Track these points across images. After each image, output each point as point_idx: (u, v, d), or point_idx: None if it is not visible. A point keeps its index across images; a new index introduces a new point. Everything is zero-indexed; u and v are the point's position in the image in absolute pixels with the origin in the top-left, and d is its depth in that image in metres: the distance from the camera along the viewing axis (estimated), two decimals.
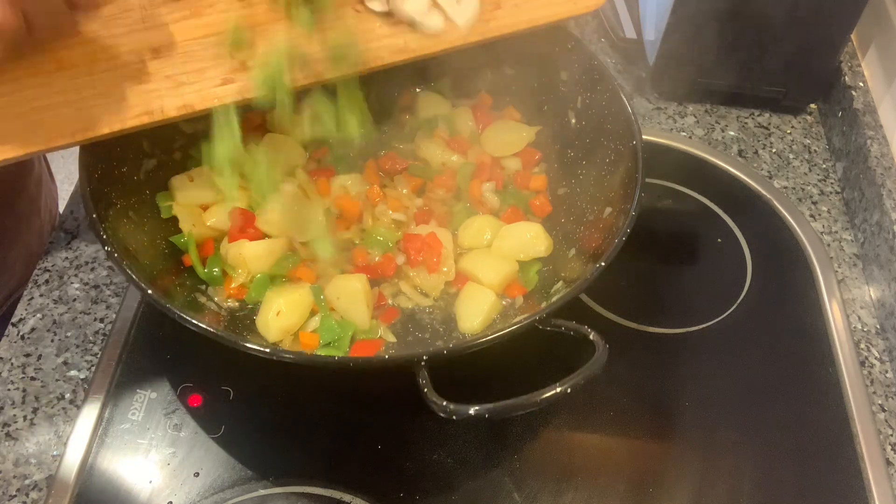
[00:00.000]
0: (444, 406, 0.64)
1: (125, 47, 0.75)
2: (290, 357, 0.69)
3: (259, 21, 0.78)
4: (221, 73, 0.78)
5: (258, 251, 0.84)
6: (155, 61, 0.76)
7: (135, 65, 0.75)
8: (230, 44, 0.78)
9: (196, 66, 0.77)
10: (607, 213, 0.86)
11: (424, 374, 0.66)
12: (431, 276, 0.86)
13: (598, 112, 0.91)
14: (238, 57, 0.78)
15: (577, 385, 0.64)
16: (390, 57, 0.82)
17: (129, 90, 0.75)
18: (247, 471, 0.77)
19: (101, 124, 0.74)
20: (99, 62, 0.74)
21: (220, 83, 0.77)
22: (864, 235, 1.01)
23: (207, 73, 0.77)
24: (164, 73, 0.76)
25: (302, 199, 0.90)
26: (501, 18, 0.84)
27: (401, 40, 0.82)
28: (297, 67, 0.79)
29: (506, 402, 0.63)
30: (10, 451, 0.78)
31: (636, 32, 1.21)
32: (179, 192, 0.88)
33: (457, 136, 0.98)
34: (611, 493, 0.78)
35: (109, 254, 0.72)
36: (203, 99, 0.77)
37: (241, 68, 0.78)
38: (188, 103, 0.76)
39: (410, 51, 0.82)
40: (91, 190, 0.76)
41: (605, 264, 0.73)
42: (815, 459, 0.82)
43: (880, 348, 0.93)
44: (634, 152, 0.82)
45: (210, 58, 0.77)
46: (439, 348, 0.72)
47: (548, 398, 0.64)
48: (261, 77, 0.78)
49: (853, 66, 1.15)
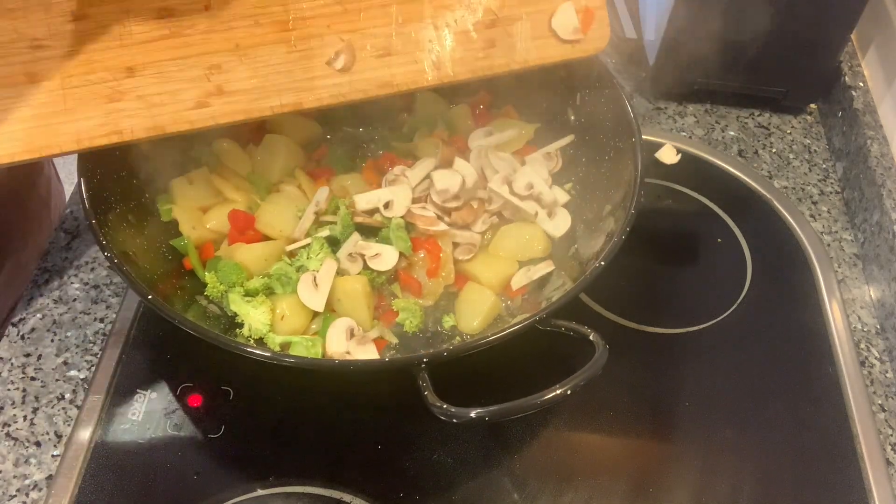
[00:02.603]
0: (445, 409, 0.64)
1: (99, 64, 0.74)
2: (291, 361, 0.69)
3: (242, 44, 0.77)
4: (196, 95, 0.76)
5: (256, 254, 0.84)
6: (128, 80, 0.74)
7: (108, 82, 0.74)
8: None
9: (170, 87, 0.75)
10: (606, 211, 0.86)
11: (424, 376, 0.66)
12: (431, 280, 0.86)
13: (596, 110, 0.91)
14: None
15: (578, 386, 0.64)
16: (375, 91, 0.81)
17: (100, 108, 0.74)
18: (247, 471, 0.77)
19: (67, 141, 0.73)
20: (72, 77, 0.73)
21: (194, 106, 0.76)
22: (864, 235, 1.01)
23: (181, 96, 0.76)
24: (137, 93, 0.75)
25: (301, 200, 0.90)
26: (494, 58, 0.83)
27: (386, 73, 0.81)
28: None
29: (506, 405, 0.63)
30: (10, 451, 0.78)
31: (636, 32, 1.21)
32: (179, 194, 0.88)
33: (456, 135, 0.98)
34: (611, 493, 0.78)
35: (109, 259, 0.72)
36: (175, 121, 0.76)
37: (216, 92, 0.76)
38: (159, 125, 0.75)
39: (395, 85, 0.81)
40: (90, 195, 0.76)
41: (604, 263, 0.73)
42: (815, 459, 0.82)
43: (880, 348, 0.93)
44: (634, 150, 0.82)
45: (185, 80, 0.76)
46: (439, 351, 0.72)
47: (548, 400, 0.64)
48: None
49: (853, 66, 1.15)
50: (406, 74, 0.82)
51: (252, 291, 0.82)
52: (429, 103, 1.00)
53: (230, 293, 0.82)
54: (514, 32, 0.84)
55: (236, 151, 0.92)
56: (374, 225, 0.88)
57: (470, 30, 0.82)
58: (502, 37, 0.83)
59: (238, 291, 0.82)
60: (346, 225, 0.86)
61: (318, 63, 0.79)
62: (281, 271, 0.83)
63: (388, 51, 0.81)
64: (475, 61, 0.83)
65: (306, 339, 0.80)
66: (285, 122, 0.95)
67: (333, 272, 0.82)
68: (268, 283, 0.83)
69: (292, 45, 0.78)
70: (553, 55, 0.86)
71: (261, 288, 0.82)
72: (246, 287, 0.82)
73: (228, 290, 0.82)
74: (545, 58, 0.85)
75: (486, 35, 0.83)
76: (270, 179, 0.92)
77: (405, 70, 0.82)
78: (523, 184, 0.90)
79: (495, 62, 0.84)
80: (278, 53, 0.78)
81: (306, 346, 0.79)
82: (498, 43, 0.83)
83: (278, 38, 0.78)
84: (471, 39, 0.82)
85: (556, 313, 0.71)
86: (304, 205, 0.89)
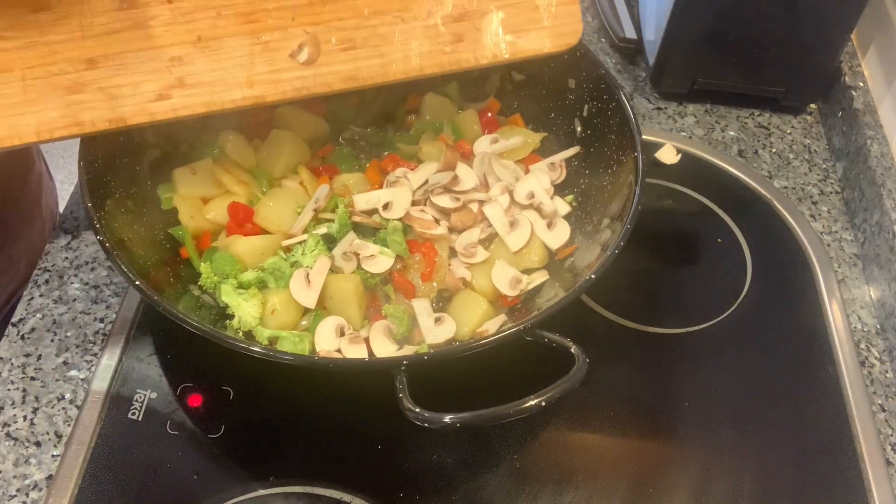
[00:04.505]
0: (418, 413, 0.64)
1: (60, 55, 0.73)
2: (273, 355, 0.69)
3: (204, 36, 0.76)
4: (157, 87, 0.76)
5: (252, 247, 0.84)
6: (89, 72, 0.74)
7: (68, 74, 0.74)
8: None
9: (131, 79, 0.75)
10: (604, 224, 0.86)
11: (402, 379, 0.66)
12: (424, 284, 0.86)
13: (602, 122, 0.91)
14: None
15: (553, 398, 0.64)
16: (340, 84, 0.80)
17: (60, 100, 0.74)
18: (247, 471, 0.77)
19: (27, 132, 0.73)
20: (33, 69, 0.73)
21: (156, 98, 0.76)
22: (864, 235, 1.01)
23: (142, 87, 0.76)
24: (98, 85, 0.74)
25: (302, 196, 0.90)
26: (461, 52, 0.83)
27: (351, 67, 0.80)
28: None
29: (479, 413, 0.64)
30: (10, 451, 0.78)
31: (636, 32, 1.21)
32: (181, 184, 0.88)
33: (461, 140, 0.98)
34: (611, 493, 0.78)
35: (101, 243, 0.72)
36: (136, 113, 0.75)
37: (178, 84, 0.76)
38: (120, 117, 0.75)
39: (361, 79, 0.81)
40: (89, 179, 0.76)
41: (596, 276, 0.73)
42: (815, 459, 0.82)
43: (880, 348, 0.93)
44: (635, 165, 0.82)
45: (147, 71, 0.76)
46: (420, 354, 0.72)
47: (523, 410, 0.64)
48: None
49: (853, 66, 1.15)
50: (372, 68, 0.81)
51: (245, 284, 0.82)
52: (436, 106, 0.99)
53: (223, 284, 0.82)
54: (483, 27, 0.83)
55: (242, 145, 0.92)
56: (371, 225, 0.88)
57: (438, 24, 0.82)
58: (470, 31, 0.83)
59: (231, 283, 0.82)
60: (344, 224, 0.86)
61: (281, 56, 0.79)
62: (275, 266, 0.83)
63: (353, 44, 0.80)
64: (442, 55, 0.82)
65: (294, 335, 0.80)
66: (292, 119, 0.95)
67: (326, 270, 0.81)
68: (261, 276, 0.83)
69: (255, 38, 0.78)
70: (523, 50, 0.85)
71: (254, 281, 0.82)
72: (239, 279, 0.82)
73: (222, 281, 0.82)
74: (515, 53, 0.85)
75: (453, 29, 0.82)
76: (273, 174, 0.92)
77: (371, 64, 0.81)
78: (524, 192, 0.90)
79: (462, 56, 0.83)
80: (241, 46, 0.78)
81: (294, 341, 0.79)
82: (466, 37, 0.83)
83: (241, 31, 0.78)
84: (439, 33, 0.82)
85: (543, 323, 0.71)
86: (304, 201, 0.89)
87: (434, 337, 0.80)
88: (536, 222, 0.89)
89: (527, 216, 0.89)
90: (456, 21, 0.82)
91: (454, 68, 0.83)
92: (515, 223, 0.88)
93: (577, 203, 0.93)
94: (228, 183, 0.90)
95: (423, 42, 0.81)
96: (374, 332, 0.80)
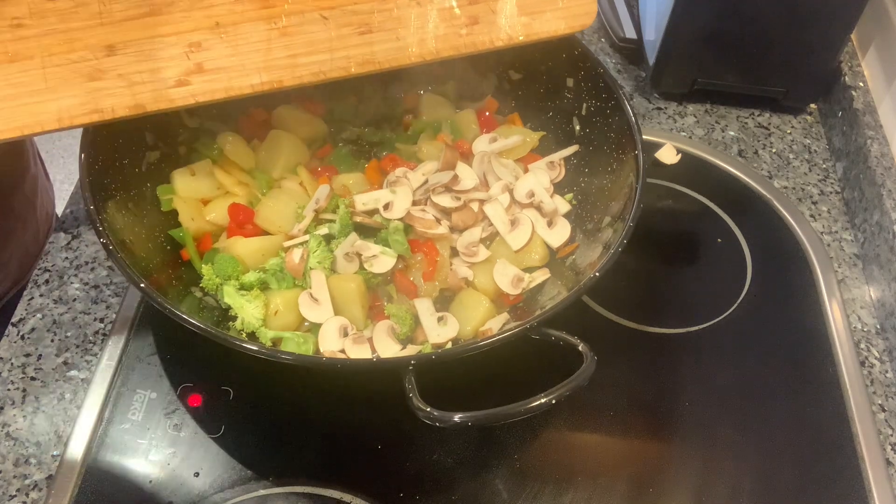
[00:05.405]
0: (429, 412, 0.64)
1: (80, 42, 0.73)
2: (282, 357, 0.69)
3: (223, 22, 0.77)
4: (176, 74, 0.76)
5: (253, 248, 0.84)
6: (109, 59, 0.74)
7: (88, 61, 0.74)
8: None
9: (150, 65, 0.75)
10: (606, 222, 0.86)
11: (411, 378, 0.66)
12: (426, 283, 0.86)
13: (601, 121, 0.91)
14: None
15: (563, 396, 0.65)
16: (356, 68, 0.80)
17: (81, 87, 0.74)
18: (247, 471, 0.77)
19: (49, 119, 0.73)
20: (53, 56, 0.73)
21: (175, 84, 0.76)
22: (864, 235, 1.01)
23: (162, 74, 0.76)
24: (118, 72, 0.74)
25: (302, 197, 0.90)
26: (477, 34, 0.83)
27: (367, 50, 0.80)
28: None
29: (490, 412, 0.64)
30: (10, 451, 0.78)
31: (636, 32, 1.21)
32: (181, 185, 0.88)
33: (460, 139, 0.98)
34: (611, 493, 0.78)
35: (105, 246, 0.72)
36: (156, 100, 0.76)
37: (196, 70, 0.76)
38: (140, 103, 0.75)
39: (377, 63, 0.81)
40: (90, 181, 0.76)
41: (599, 275, 0.73)
42: (815, 459, 0.82)
43: (880, 348, 0.93)
44: (636, 162, 0.82)
45: (166, 58, 0.76)
46: (427, 354, 0.72)
47: (533, 408, 0.64)
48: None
49: (853, 66, 1.15)
50: (388, 52, 0.81)
51: (247, 285, 0.82)
52: (434, 106, 0.99)
53: (225, 286, 0.82)
54: (498, 9, 0.83)
55: (241, 146, 0.92)
56: (372, 225, 0.88)
57: (453, 6, 0.82)
58: (486, 13, 0.83)
59: (233, 284, 0.82)
60: (345, 224, 0.86)
61: (298, 40, 0.79)
62: (277, 267, 0.83)
63: (369, 28, 0.80)
64: (458, 38, 0.82)
65: (298, 336, 0.80)
66: (291, 119, 0.95)
67: (325, 283, 0.82)
68: (263, 277, 0.83)
69: (272, 23, 0.78)
70: (538, 32, 0.85)
71: (256, 282, 0.82)
72: (241, 280, 0.82)
73: (224, 282, 0.82)
74: (530, 35, 0.85)
75: (469, 11, 0.82)
76: (272, 175, 0.92)
77: (387, 47, 0.81)
78: (525, 191, 0.90)
79: (478, 38, 0.83)
80: (258, 31, 0.78)
81: (298, 342, 0.79)
82: (481, 19, 0.83)
83: (259, 16, 0.78)
84: (454, 16, 0.82)
85: (549, 321, 0.71)
86: (304, 202, 0.89)
87: (437, 336, 0.80)
88: (537, 221, 0.89)
89: (527, 215, 0.89)
90: (471, 3, 0.82)
91: (470, 51, 0.83)
92: (516, 222, 0.88)
93: (577, 202, 0.93)
94: (228, 184, 0.90)
95: (438, 25, 0.81)
96: (378, 333, 0.80)
